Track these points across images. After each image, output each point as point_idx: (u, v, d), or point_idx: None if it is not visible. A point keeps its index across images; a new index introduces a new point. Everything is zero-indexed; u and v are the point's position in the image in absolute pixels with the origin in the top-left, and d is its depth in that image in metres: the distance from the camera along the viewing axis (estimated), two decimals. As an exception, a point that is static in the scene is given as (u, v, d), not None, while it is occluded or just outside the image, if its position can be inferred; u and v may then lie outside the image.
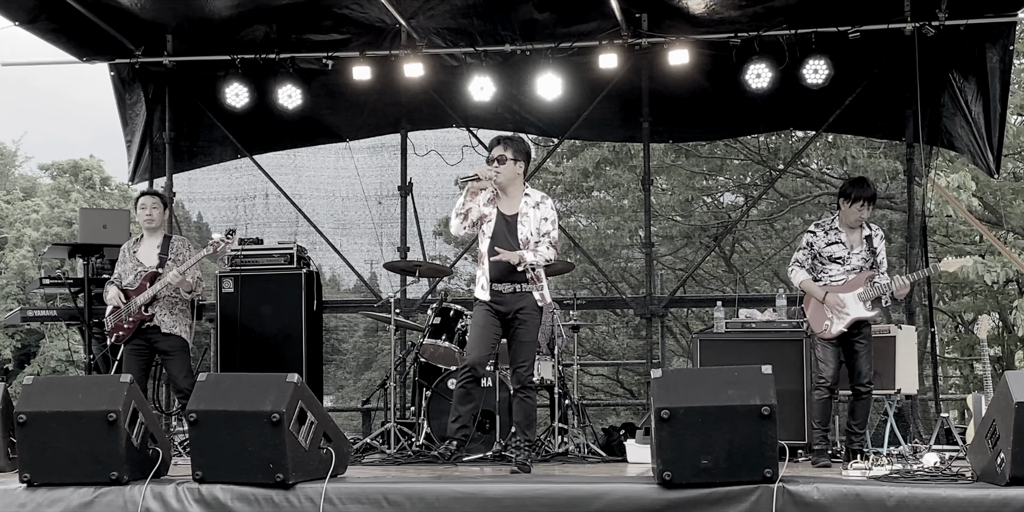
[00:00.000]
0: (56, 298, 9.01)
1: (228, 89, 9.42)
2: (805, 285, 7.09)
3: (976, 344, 10.96)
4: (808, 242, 7.11)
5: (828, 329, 6.95)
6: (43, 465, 5.64)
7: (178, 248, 7.60)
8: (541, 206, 6.49)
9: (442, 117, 9.98)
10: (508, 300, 6.39)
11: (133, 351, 7.46)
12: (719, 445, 5.17)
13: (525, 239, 6.40)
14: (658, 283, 11.16)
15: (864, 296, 6.95)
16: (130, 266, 7.56)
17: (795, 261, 7.16)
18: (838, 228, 7.07)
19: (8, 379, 22.93)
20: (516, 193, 6.49)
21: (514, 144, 6.50)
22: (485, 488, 5.44)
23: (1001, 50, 8.38)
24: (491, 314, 6.43)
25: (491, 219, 6.44)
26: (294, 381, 5.55)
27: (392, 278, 10.11)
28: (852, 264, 7.04)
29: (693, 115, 10.00)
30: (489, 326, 6.43)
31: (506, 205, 6.48)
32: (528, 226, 6.42)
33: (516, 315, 6.40)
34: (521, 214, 6.44)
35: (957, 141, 9.05)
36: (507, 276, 6.37)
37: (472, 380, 6.43)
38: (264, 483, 5.41)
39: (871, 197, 7.03)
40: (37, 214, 26.15)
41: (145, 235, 7.68)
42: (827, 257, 7.06)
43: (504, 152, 6.44)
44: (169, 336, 7.44)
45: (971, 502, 5.01)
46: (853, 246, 7.04)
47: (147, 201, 7.64)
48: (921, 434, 8.18)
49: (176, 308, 7.50)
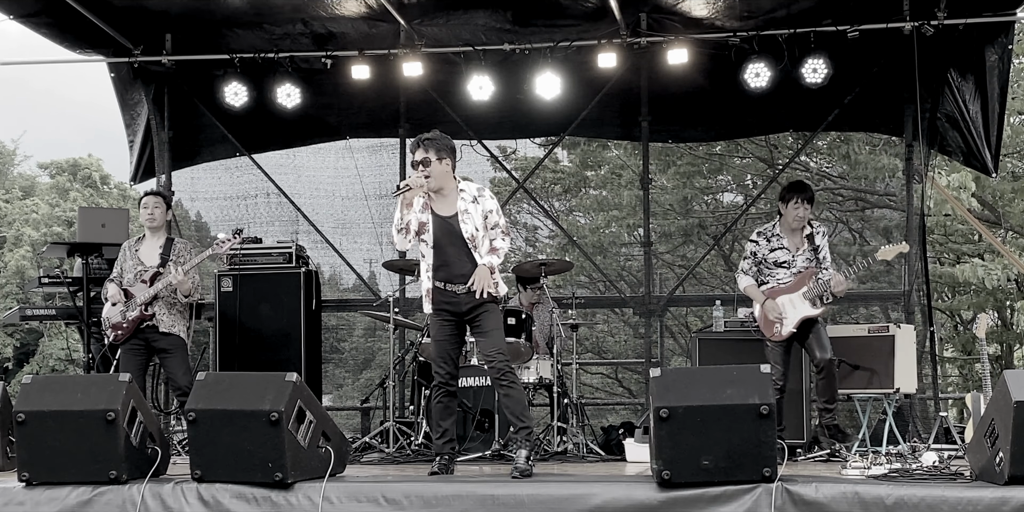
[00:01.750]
0: (55, 297, 9.03)
1: (227, 88, 9.41)
2: (748, 291, 7.35)
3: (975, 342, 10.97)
4: (751, 251, 7.37)
5: (779, 332, 7.20)
6: (42, 464, 5.64)
7: (180, 250, 7.60)
8: (480, 199, 6.20)
9: (441, 117, 9.97)
10: (462, 300, 6.14)
11: (131, 350, 7.46)
12: (718, 444, 5.17)
13: (471, 237, 6.13)
14: (657, 282, 11.18)
15: (808, 295, 7.16)
16: (131, 265, 7.56)
17: (740, 269, 7.43)
18: (779, 234, 7.32)
19: (7, 378, 22.94)
20: (450, 192, 6.20)
21: (435, 143, 6.17)
22: (484, 487, 5.45)
23: (1000, 49, 8.39)
24: (446, 322, 6.20)
25: (429, 227, 6.17)
26: (293, 380, 5.55)
27: (391, 277, 10.11)
28: (797, 266, 7.27)
29: (692, 114, 10.02)
30: (448, 338, 6.22)
31: (442, 206, 6.20)
32: (471, 223, 6.14)
33: (472, 312, 6.15)
34: (460, 212, 6.16)
35: (951, 141, 9.04)
36: (457, 277, 6.13)
37: (447, 394, 6.23)
38: (263, 482, 5.41)
39: (808, 196, 7.30)
40: (36, 214, 26.14)
41: (147, 235, 7.68)
42: (772, 263, 7.31)
43: (427, 154, 6.13)
44: (168, 335, 7.44)
45: (969, 501, 5.01)
46: (797, 248, 7.27)
47: (150, 201, 7.65)
48: (920, 433, 8.18)
49: (174, 308, 7.50)
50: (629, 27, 8.94)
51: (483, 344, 6.26)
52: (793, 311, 7.18)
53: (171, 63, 9.47)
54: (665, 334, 12.16)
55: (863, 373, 7.51)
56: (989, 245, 13.25)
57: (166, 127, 9.90)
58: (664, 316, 10.41)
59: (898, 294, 9.49)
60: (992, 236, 11.96)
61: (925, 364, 9.09)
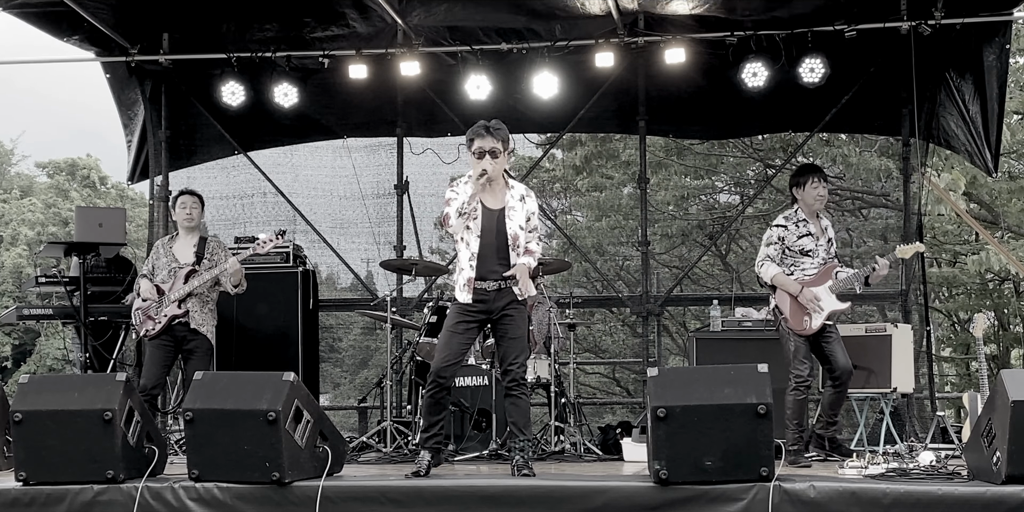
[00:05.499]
0: (52, 296, 9.01)
1: (224, 87, 9.40)
2: (778, 280, 6.92)
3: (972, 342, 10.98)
4: (780, 237, 6.98)
5: (808, 325, 6.87)
6: (39, 464, 5.64)
7: (214, 248, 7.64)
8: (527, 199, 6.19)
9: (439, 116, 9.97)
10: (492, 298, 6.05)
11: (161, 346, 7.42)
12: (715, 444, 5.17)
13: (514, 234, 6.09)
14: (654, 281, 11.18)
15: (834, 289, 6.92)
16: (164, 262, 7.56)
17: (765, 256, 7.00)
18: (805, 219, 7.01)
19: (4, 377, 22.93)
20: (500, 186, 6.16)
21: (503, 134, 6.11)
22: (482, 487, 5.45)
23: (998, 49, 8.38)
24: (469, 317, 6.07)
25: (477, 215, 6.07)
26: (290, 380, 5.55)
27: (389, 277, 10.11)
28: (820, 256, 7.00)
29: (689, 114, 10.01)
30: (463, 332, 6.08)
31: (491, 199, 6.13)
32: (516, 220, 6.11)
33: (502, 312, 6.07)
34: (508, 208, 6.11)
35: (954, 140, 9.05)
36: (493, 273, 6.05)
37: (441, 388, 6.05)
38: (260, 482, 5.41)
39: (824, 175, 7.11)
40: (33, 214, 26.12)
41: (181, 233, 7.69)
42: (798, 251, 6.97)
43: (496, 144, 6.06)
44: (197, 334, 7.43)
45: (967, 500, 5.03)
46: (818, 237, 7.00)
47: (187, 200, 7.66)
48: (917, 432, 8.19)
49: (206, 307, 7.52)
50: (627, 26, 8.94)
51: (507, 349, 6.10)
52: (825, 303, 6.90)
53: (168, 62, 9.46)
54: (662, 334, 12.16)
55: (860, 373, 7.48)
56: (984, 245, 13.26)
57: (163, 126, 9.89)
58: (661, 316, 10.40)
59: (895, 294, 9.50)
60: (990, 236, 11.97)
61: (922, 364, 9.11)
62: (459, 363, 6.17)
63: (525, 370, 6.15)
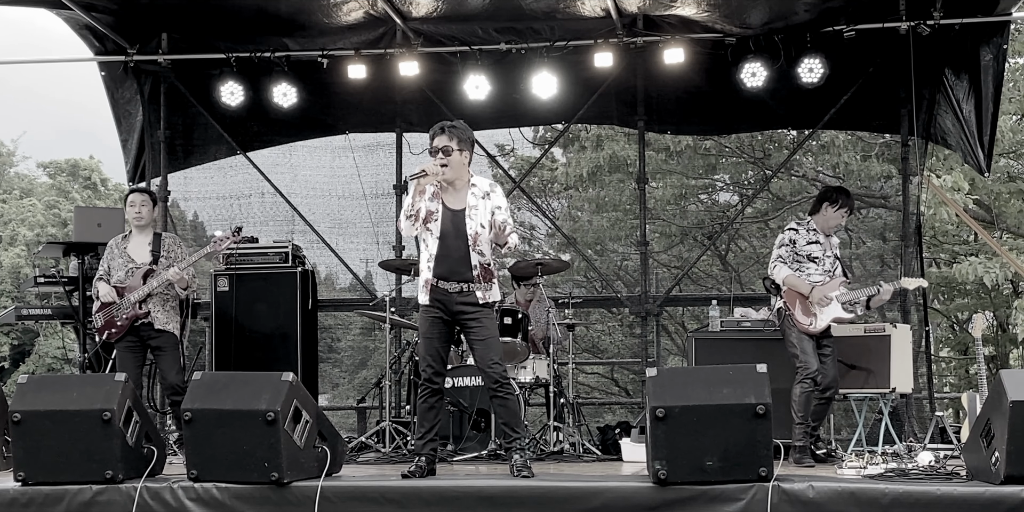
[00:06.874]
0: (51, 297, 9.00)
1: (223, 87, 9.40)
2: (790, 280, 7.12)
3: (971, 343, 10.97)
4: (791, 239, 7.21)
5: (813, 324, 7.05)
6: (38, 464, 5.64)
7: (170, 245, 7.57)
8: (492, 195, 6.07)
9: (438, 116, 9.95)
10: (452, 299, 5.99)
11: (127, 348, 7.42)
12: (714, 444, 5.17)
13: (474, 234, 5.98)
14: (653, 281, 11.17)
15: (841, 298, 7.10)
16: (120, 262, 7.51)
17: (778, 257, 7.21)
18: (816, 229, 7.24)
19: (3, 377, 22.92)
20: (462, 185, 6.06)
21: (458, 132, 6.02)
22: (481, 487, 5.46)
23: (995, 49, 8.39)
24: (437, 319, 6.04)
25: (437, 217, 6.01)
26: (289, 380, 5.55)
27: (387, 277, 10.11)
28: (826, 266, 7.21)
29: (689, 113, 10.02)
30: (437, 336, 6.06)
31: (452, 199, 6.05)
32: (476, 219, 5.99)
33: (463, 315, 6.01)
34: (469, 207, 6.01)
35: (950, 137, 9.07)
36: (454, 274, 5.98)
37: (433, 393, 6.06)
38: (259, 482, 5.41)
39: (854, 205, 7.30)
40: (33, 215, 26.10)
41: (134, 232, 7.64)
42: (805, 256, 7.19)
43: (449, 142, 5.98)
44: (162, 332, 7.42)
45: (965, 500, 5.03)
46: (825, 249, 7.23)
47: (136, 198, 7.61)
48: (916, 433, 8.20)
49: (168, 305, 7.48)
50: (626, 27, 8.94)
51: (480, 352, 6.07)
52: (833, 304, 7.09)
53: (167, 62, 9.45)
54: (661, 334, 12.16)
55: (859, 373, 7.50)
56: (983, 246, 13.25)
57: (162, 127, 9.88)
58: (660, 316, 10.41)
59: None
60: (989, 237, 11.96)
61: (921, 364, 9.10)
62: (444, 365, 6.16)
63: (504, 369, 6.11)
